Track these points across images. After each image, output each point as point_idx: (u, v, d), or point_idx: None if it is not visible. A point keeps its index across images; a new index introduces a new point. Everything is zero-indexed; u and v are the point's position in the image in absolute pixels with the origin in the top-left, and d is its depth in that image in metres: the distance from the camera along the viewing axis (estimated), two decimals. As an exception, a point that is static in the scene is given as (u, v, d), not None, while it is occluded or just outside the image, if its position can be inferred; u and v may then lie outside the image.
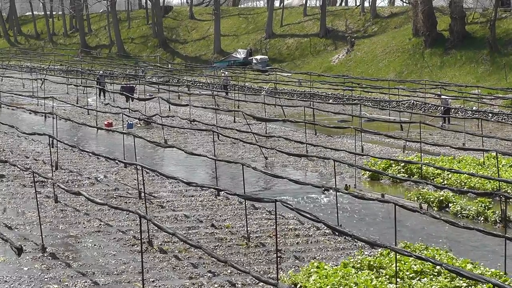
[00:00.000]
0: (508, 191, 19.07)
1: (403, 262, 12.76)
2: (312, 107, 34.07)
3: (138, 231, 13.66)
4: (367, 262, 13.12)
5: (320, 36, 62.35)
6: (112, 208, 15.54)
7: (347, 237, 15.38)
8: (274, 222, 14.60)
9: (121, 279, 13.10)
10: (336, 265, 13.33)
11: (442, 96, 37.47)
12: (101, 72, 50.01)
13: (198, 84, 54.06)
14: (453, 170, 19.95)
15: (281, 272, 13.20)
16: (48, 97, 36.22)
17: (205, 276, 13.22)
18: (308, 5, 72.80)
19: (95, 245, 15.09)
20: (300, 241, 15.53)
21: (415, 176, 21.48)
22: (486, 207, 18.01)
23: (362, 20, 62.75)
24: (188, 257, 14.26)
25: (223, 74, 52.90)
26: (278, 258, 13.05)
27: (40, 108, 37.38)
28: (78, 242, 15.29)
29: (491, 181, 19.37)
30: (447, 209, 18.61)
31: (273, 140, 28.31)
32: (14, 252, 13.01)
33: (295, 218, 17.15)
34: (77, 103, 38.41)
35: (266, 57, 61.61)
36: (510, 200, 16.78)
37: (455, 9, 49.13)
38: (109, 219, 17.04)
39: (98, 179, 21.40)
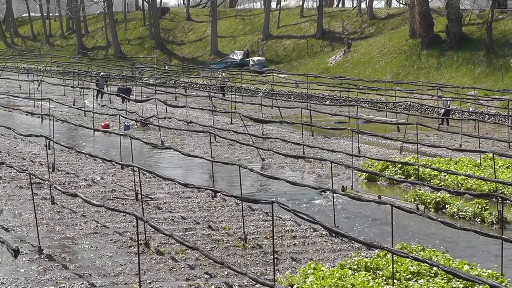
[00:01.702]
0: (505, 192, 19.10)
1: (400, 264, 12.76)
2: (309, 108, 34.09)
3: (135, 232, 13.66)
4: (364, 263, 13.12)
5: (317, 38, 62.39)
6: (109, 210, 15.53)
7: (344, 239, 15.38)
8: (271, 223, 14.61)
9: (118, 280, 13.09)
10: (333, 267, 13.34)
11: (443, 98, 37.49)
12: (102, 73, 49.81)
13: (195, 86, 54.05)
14: (450, 172, 19.97)
15: (278, 273, 13.21)
16: (45, 98, 36.16)
17: (202, 278, 13.21)
18: (305, 6, 72.83)
19: (92, 246, 15.08)
20: (297, 242, 15.53)
21: (412, 178, 21.50)
22: (483, 209, 18.04)
23: (359, 21, 62.80)
24: (185, 259, 14.25)
25: (220, 76, 52.89)
26: (275, 260, 13.05)
27: (37, 109, 37.33)
28: (75, 244, 15.27)
29: (488, 182, 19.40)
30: (444, 210, 18.63)
31: (270, 142, 28.31)
32: (11, 254, 12.98)
33: (292, 219, 17.15)
34: (74, 105, 38.37)
35: (263, 58, 61.64)
36: (507, 201, 16.82)
37: (452, 11, 49.19)
38: (106, 220, 17.03)
39: (95, 180, 21.37)
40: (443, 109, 35.95)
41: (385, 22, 60.57)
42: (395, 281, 12.21)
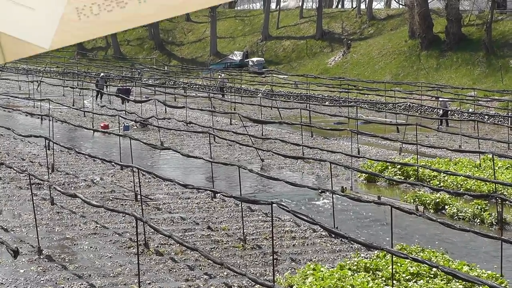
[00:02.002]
0: (504, 193, 19.10)
1: (399, 264, 12.75)
2: (308, 109, 34.08)
3: (134, 233, 13.66)
4: (364, 264, 13.11)
5: (317, 38, 62.39)
6: (108, 210, 15.53)
7: (343, 239, 15.36)
8: (270, 224, 14.60)
9: (118, 281, 13.08)
10: (333, 267, 13.33)
11: (440, 99, 37.52)
12: (102, 74, 49.76)
13: (194, 86, 54.06)
14: (449, 172, 19.97)
15: (278, 274, 13.20)
16: (44, 99, 36.18)
17: (201, 278, 13.20)
18: (304, 7, 72.83)
19: (91, 247, 15.08)
20: (296, 243, 15.52)
21: (411, 178, 21.50)
22: (482, 209, 18.04)
23: (359, 22, 62.81)
24: (185, 259, 14.25)
25: (219, 76, 52.91)
26: (275, 260, 13.04)
27: (36, 110, 37.31)
28: (74, 244, 15.26)
29: (487, 183, 19.41)
30: (443, 211, 18.63)
31: (269, 142, 28.30)
32: (10, 255, 12.98)
33: (291, 220, 17.14)
34: (73, 105, 38.37)
35: (263, 59, 61.63)
36: (506, 202, 16.82)
37: (451, 11, 49.20)
38: (105, 221, 17.02)
39: (95, 181, 21.37)
40: (441, 110, 35.98)
41: (384, 23, 60.58)
42: (394, 282, 12.20)
